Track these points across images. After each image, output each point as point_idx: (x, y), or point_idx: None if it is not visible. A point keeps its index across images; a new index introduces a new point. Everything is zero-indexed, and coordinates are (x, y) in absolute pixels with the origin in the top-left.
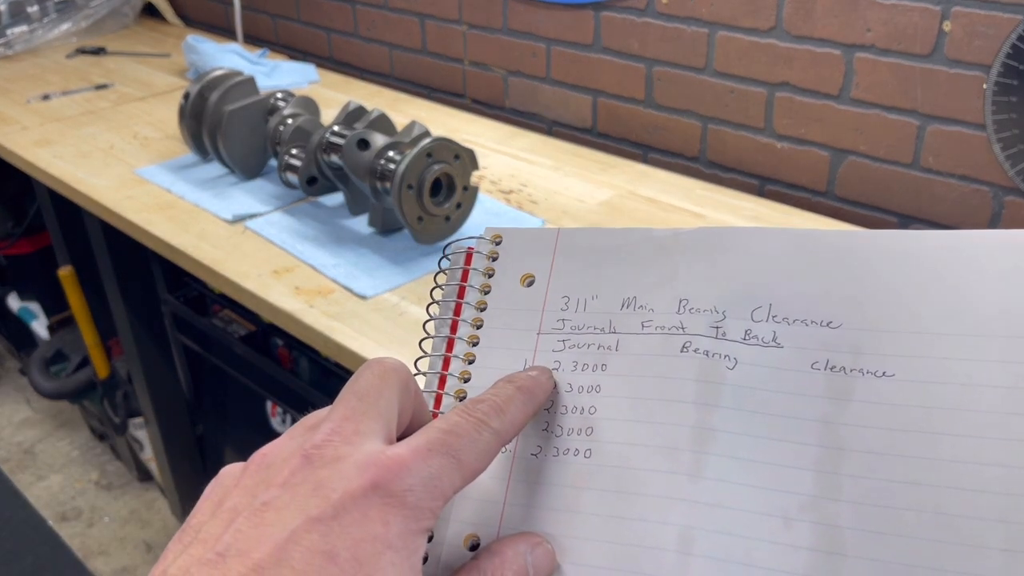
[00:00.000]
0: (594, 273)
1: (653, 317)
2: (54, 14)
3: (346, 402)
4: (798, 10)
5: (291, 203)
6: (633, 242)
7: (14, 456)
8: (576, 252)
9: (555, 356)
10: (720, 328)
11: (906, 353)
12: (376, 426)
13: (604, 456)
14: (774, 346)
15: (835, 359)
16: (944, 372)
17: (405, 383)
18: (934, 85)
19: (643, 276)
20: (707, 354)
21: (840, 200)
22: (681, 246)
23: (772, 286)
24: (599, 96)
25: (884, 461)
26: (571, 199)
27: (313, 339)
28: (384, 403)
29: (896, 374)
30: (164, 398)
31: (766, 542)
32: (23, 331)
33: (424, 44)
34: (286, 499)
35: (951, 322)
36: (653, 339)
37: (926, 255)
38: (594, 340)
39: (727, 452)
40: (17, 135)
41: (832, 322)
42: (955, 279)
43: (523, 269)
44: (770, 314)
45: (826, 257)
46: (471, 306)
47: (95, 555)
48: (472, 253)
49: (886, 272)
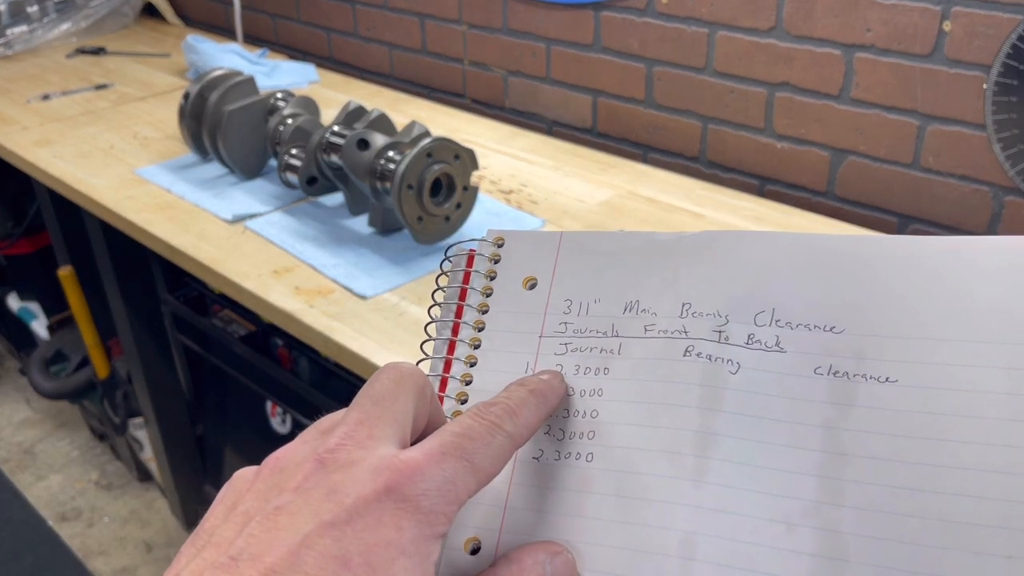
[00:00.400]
0: (597, 276)
1: (656, 321)
2: (54, 14)
3: (361, 406)
4: (798, 10)
5: (291, 203)
6: (636, 245)
7: (14, 456)
8: (579, 255)
9: (557, 359)
10: (723, 332)
11: (909, 359)
12: (390, 431)
13: (607, 460)
14: (777, 351)
15: (838, 364)
16: (947, 378)
17: (421, 388)
18: (934, 85)
19: (646, 279)
20: (710, 358)
21: (840, 200)
22: (684, 249)
23: (775, 290)
24: (599, 96)
25: (887, 467)
26: (571, 199)
27: (313, 339)
28: (399, 408)
29: (899, 380)
30: (164, 398)
31: (769, 547)
32: (23, 331)
33: (424, 44)
34: (299, 503)
35: (954, 328)
36: (656, 343)
37: (929, 260)
38: (597, 343)
39: (730, 457)
40: (17, 135)
41: (835, 327)
42: (958, 285)
43: (525, 272)
44: (773, 318)
45: (829, 262)
46: (473, 308)
47: (95, 555)
48: (474, 255)
49: (889, 277)
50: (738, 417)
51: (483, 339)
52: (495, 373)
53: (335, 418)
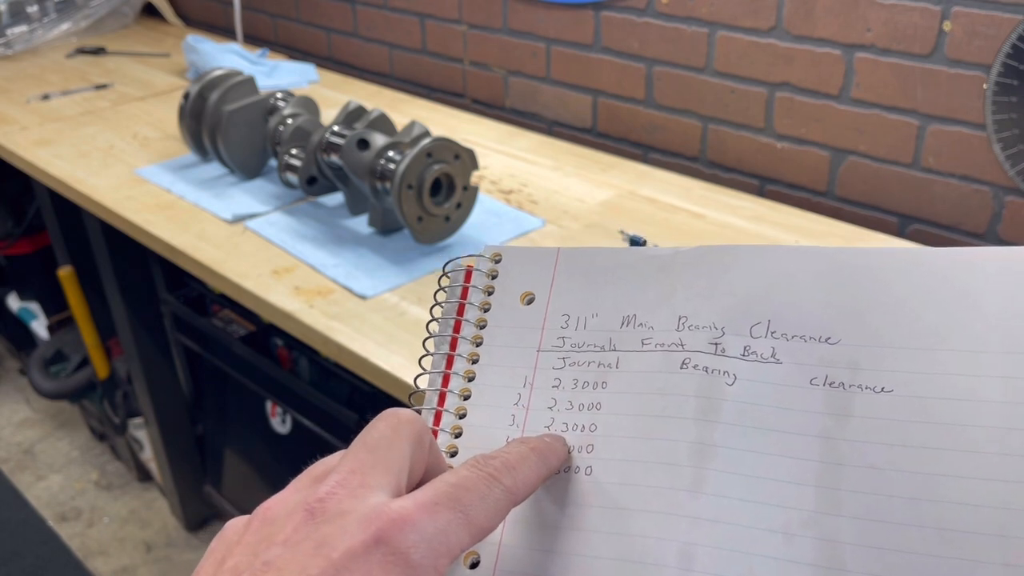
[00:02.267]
0: (594, 291)
1: (653, 334)
2: (54, 14)
3: (355, 454)
4: (798, 10)
5: (291, 203)
6: (632, 261)
7: (14, 456)
8: (576, 271)
9: (555, 374)
10: (719, 344)
11: (905, 368)
12: (384, 480)
13: (605, 473)
14: (773, 362)
15: (834, 375)
16: (943, 387)
17: (419, 436)
18: (934, 85)
19: (643, 294)
20: (706, 370)
21: (840, 200)
22: (680, 264)
23: (770, 302)
24: (599, 96)
25: (884, 476)
26: (571, 199)
27: (313, 339)
28: (395, 456)
29: (895, 389)
30: (164, 398)
31: (767, 558)
32: (23, 331)
33: (424, 44)
34: (287, 558)
35: (951, 337)
36: (653, 356)
37: (924, 271)
38: (594, 358)
39: (728, 468)
40: (17, 135)
41: (830, 338)
42: (954, 295)
43: (523, 287)
44: (769, 330)
45: (824, 273)
46: (471, 323)
47: (95, 555)
48: (471, 271)
49: (884, 288)
50: (735, 428)
51: (481, 354)
52: (493, 388)
53: (329, 464)
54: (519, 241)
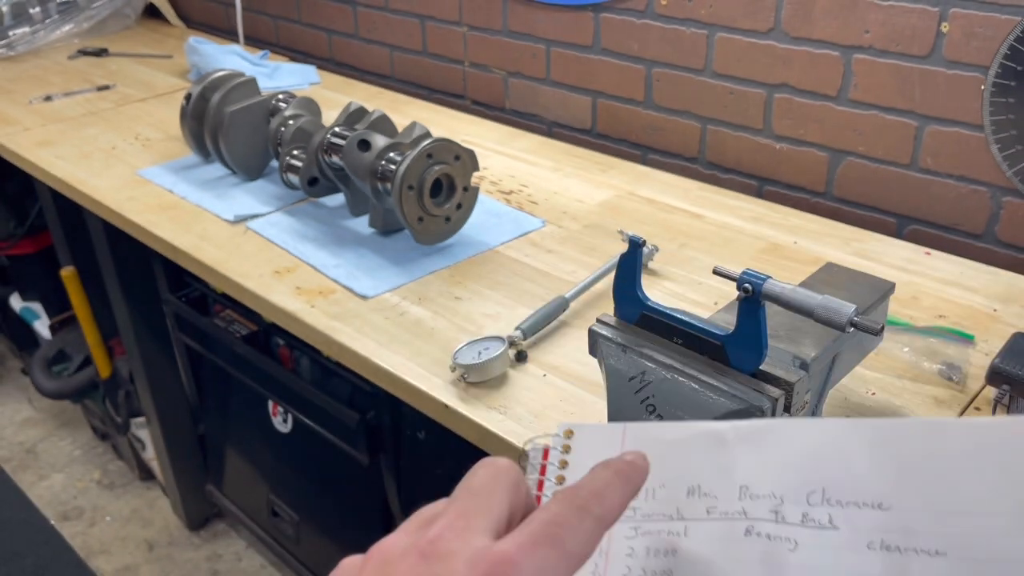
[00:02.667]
0: (660, 464)
1: (717, 503)
2: (56, 15)
3: (460, 499)
4: (797, 11)
5: (292, 204)
6: (694, 435)
7: (16, 456)
8: (642, 445)
9: (628, 543)
10: (779, 512)
11: (956, 532)
12: (486, 523)
13: None
14: (831, 528)
15: (889, 539)
16: (995, 550)
17: (516, 482)
18: (932, 86)
19: (705, 466)
20: (769, 537)
21: (839, 200)
22: (738, 438)
23: (823, 471)
24: (599, 97)
25: None
26: (571, 199)
27: (314, 339)
28: (496, 500)
29: (949, 552)
30: (166, 398)
31: None
32: (25, 331)
33: (424, 45)
34: None
35: (997, 502)
36: (718, 524)
37: (971, 439)
38: (664, 527)
39: None
40: (19, 136)
41: (882, 503)
42: (1001, 460)
43: (595, 461)
44: (824, 498)
45: (871, 443)
46: (549, 499)
47: (97, 554)
48: (548, 450)
49: (929, 457)
50: None
51: None
52: None
53: (436, 508)
54: (519, 241)
